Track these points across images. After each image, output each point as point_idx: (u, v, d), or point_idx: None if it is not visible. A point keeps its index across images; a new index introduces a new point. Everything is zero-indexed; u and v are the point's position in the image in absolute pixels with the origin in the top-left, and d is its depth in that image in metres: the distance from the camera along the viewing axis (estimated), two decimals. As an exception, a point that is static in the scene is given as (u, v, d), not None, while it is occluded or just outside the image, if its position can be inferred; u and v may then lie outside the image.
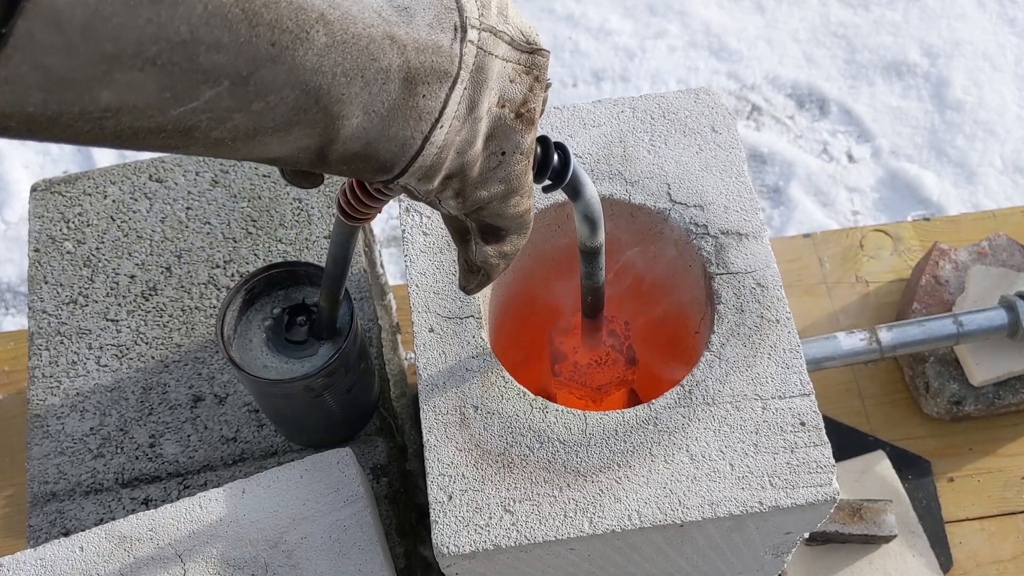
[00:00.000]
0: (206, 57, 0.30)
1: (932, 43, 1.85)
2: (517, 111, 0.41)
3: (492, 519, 0.57)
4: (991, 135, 1.73)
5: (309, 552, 0.66)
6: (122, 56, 0.28)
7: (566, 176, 0.49)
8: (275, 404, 0.72)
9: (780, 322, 0.63)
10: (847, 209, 1.67)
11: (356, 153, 0.37)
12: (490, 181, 0.42)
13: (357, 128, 0.36)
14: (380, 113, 0.36)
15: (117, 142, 0.31)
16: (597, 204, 0.53)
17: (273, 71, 0.32)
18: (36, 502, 0.77)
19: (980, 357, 0.99)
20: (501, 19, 0.39)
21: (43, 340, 0.83)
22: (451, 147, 0.39)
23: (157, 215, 0.88)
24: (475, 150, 0.41)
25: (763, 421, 0.60)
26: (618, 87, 1.81)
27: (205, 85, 0.30)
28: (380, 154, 0.38)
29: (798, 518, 0.59)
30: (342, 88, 0.34)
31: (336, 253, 0.58)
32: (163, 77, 0.29)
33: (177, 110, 0.30)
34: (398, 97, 0.36)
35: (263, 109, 0.33)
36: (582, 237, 0.56)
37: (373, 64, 0.35)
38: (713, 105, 0.72)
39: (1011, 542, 1.00)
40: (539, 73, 0.41)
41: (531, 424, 0.60)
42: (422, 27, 0.36)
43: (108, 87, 0.28)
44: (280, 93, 0.32)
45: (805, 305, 1.13)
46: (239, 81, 0.31)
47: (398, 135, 0.37)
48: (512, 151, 0.42)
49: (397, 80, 0.36)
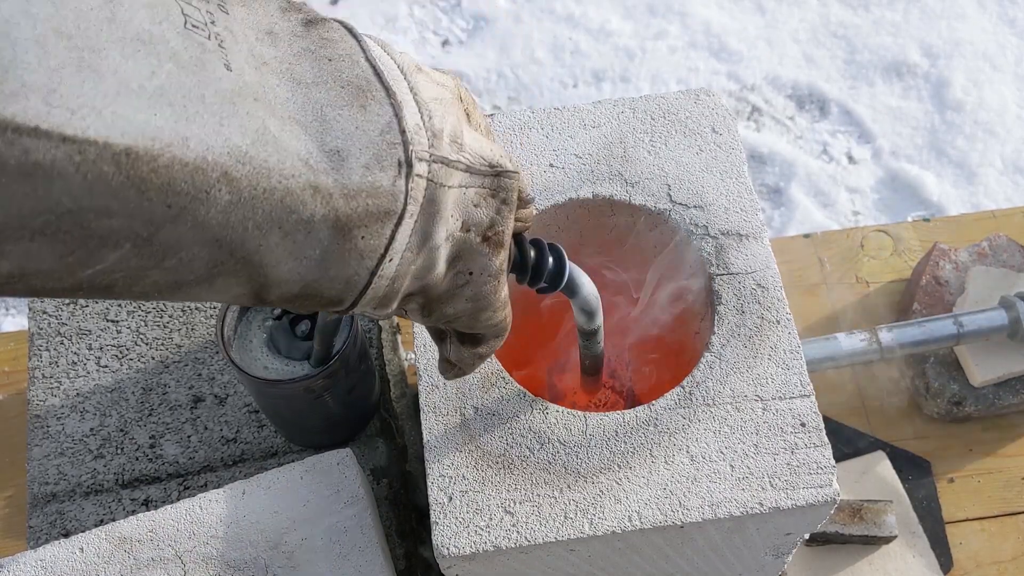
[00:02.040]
0: (98, 223, 0.28)
1: (932, 43, 1.85)
2: (484, 235, 0.40)
3: (492, 520, 0.57)
4: (991, 135, 1.73)
5: (309, 553, 0.66)
6: (5, 229, 0.26)
7: (561, 281, 0.48)
8: (275, 405, 0.72)
9: (780, 323, 0.63)
10: (847, 210, 1.67)
11: (297, 295, 0.35)
12: (457, 298, 0.41)
13: (289, 273, 0.33)
14: (313, 258, 0.34)
15: (41, 298, 0.31)
16: (595, 298, 0.53)
17: (175, 230, 0.30)
18: (36, 503, 0.77)
19: (980, 358, 0.99)
20: (455, 148, 0.37)
21: (43, 341, 0.83)
22: (405, 276, 0.37)
23: (157, 216, 0.88)
24: (436, 273, 0.39)
25: (763, 422, 0.60)
26: (618, 88, 1.81)
27: (105, 249, 0.29)
28: (324, 292, 0.35)
29: (798, 519, 0.59)
30: (257, 240, 0.32)
31: (327, 330, 0.62)
32: (57, 245, 0.28)
33: (85, 273, 0.29)
34: (331, 243, 0.34)
35: (177, 265, 0.31)
36: (580, 323, 0.57)
37: (291, 216, 0.32)
38: (713, 106, 0.72)
39: (1012, 542, 1.00)
40: (506, 195, 0.40)
41: (531, 425, 0.60)
42: (355, 170, 0.33)
43: (4, 258, 0.27)
44: (190, 250, 0.30)
45: (805, 306, 1.13)
46: (141, 243, 0.29)
47: (339, 275, 0.35)
48: (480, 272, 0.40)
49: (325, 228, 0.33)
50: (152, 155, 0.28)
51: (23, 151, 0.25)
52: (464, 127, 0.39)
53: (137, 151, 0.27)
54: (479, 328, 0.44)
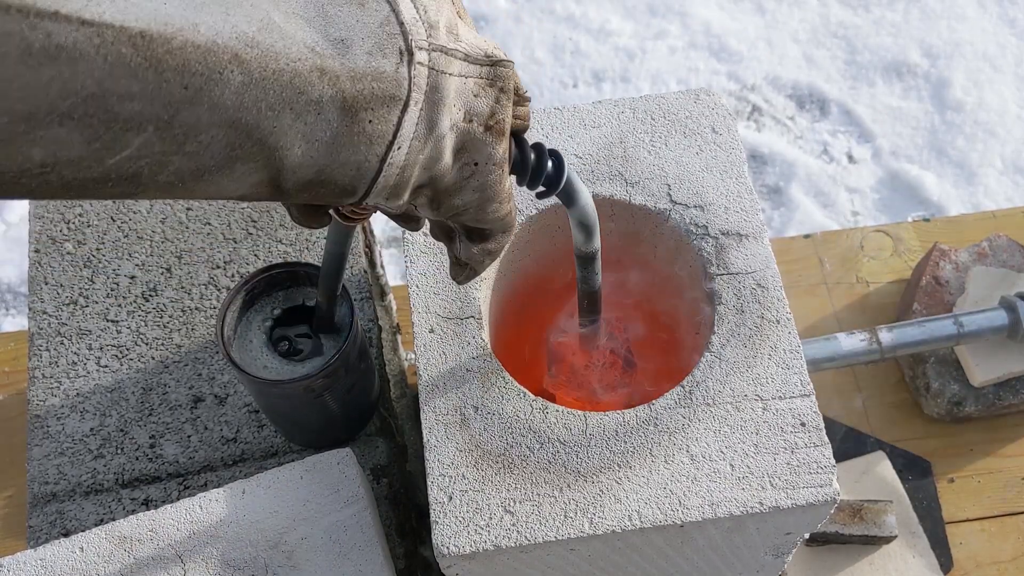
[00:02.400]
0: (121, 106, 0.30)
1: (932, 44, 1.85)
2: (486, 124, 0.41)
3: (492, 519, 0.57)
4: (991, 136, 1.73)
5: (309, 553, 0.66)
6: (37, 114, 0.28)
7: (559, 183, 0.49)
8: (275, 405, 0.72)
9: (780, 323, 0.63)
10: (847, 210, 1.67)
11: (311, 180, 0.37)
12: (464, 190, 0.42)
13: (303, 157, 0.36)
14: (323, 141, 0.36)
15: (71, 193, 0.32)
16: (592, 211, 0.53)
17: (194, 112, 0.32)
18: (36, 502, 0.77)
19: (980, 358, 0.99)
20: (451, 38, 0.39)
21: (43, 341, 0.83)
22: (415, 165, 0.39)
23: (157, 216, 0.88)
24: (443, 164, 0.41)
25: (763, 422, 0.60)
26: (618, 88, 1.81)
27: (130, 133, 0.31)
28: (337, 179, 0.38)
29: (798, 519, 0.59)
30: (271, 122, 0.34)
31: (332, 251, 0.58)
32: (85, 129, 0.30)
33: (113, 159, 0.31)
34: (339, 125, 0.36)
35: (198, 149, 0.33)
36: (577, 243, 0.56)
37: (301, 97, 0.34)
38: (713, 106, 0.72)
39: (1011, 543, 1.00)
40: (503, 84, 0.41)
41: (531, 425, 0.60)
42: (359, 56, 0.36)
43: (36, 144, 0.29)
44: (208, 132, 0.32)
45: (805, 306, 1.13)
46: (162, 125, 0.31)
47: (350, 160, 0.37)
48: (484, 162, 0.42)
49: (333, 110, 0.35)
50: (166, 37, 0.30)
51: (46, 34, 0.28)
52: (458, 21, 0.40)
53: (151, 34, 0.30)
54: (486, 221, 0.45)
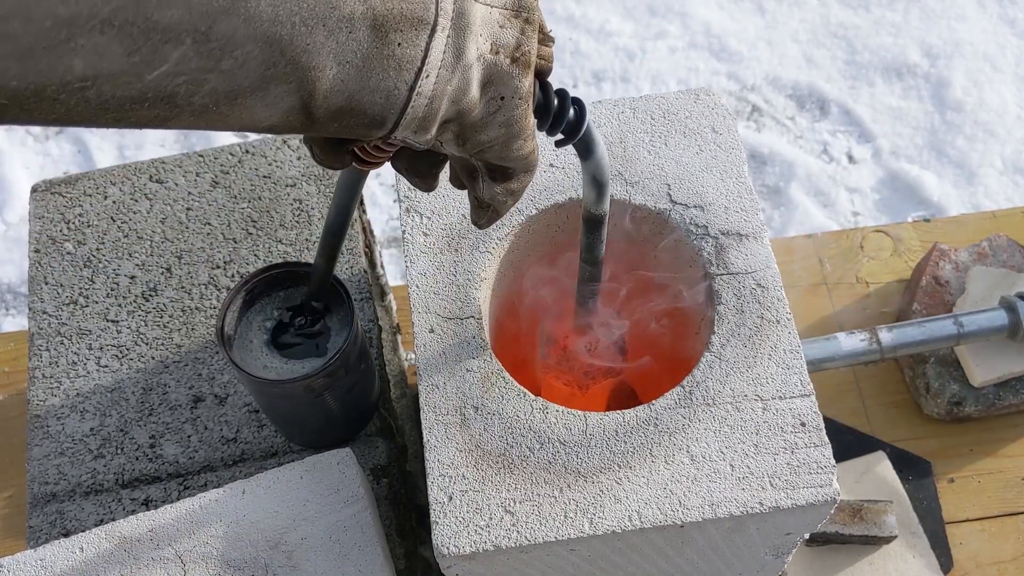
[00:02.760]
0: (160, 13, 0.30)
1: (932, 44, 1.85)
2: (512, 56, 0.41)
3: (492, 520, 0.57)
4: (991, 136, 1.73)
5: (309, 553, 0.66)
6: (78, 19, 0.29)
7: (580, 130, 0.48)
8: (275, 405, 0.72)
9: (780, 323, 0.63)
10: (847, 210, 1.67)
11: (342, 107, 0.37)
12: (490, 126, 0.42)
13: (334, 80, 0.36)
14: (354, 63, 0.36)
15: (107, 115, 0.32)
16: (607, 167, 0.53)
17: (230, 24, 0.32)
18: (36, 503, 0.77)
19: (980, 358, 0.99)
20: None
21: (43, 341, 0.83)
22: (443, 96, 0.39)
23: (157, 216, 0.88)
24: (470, 97, 0.40)
25: (763, 422, 0.60)
26: (618, 88, 1.81)
27: (168, 45, 0.31)
28: (367, 107, 0.38)
29: (798, 519, 0.59)
30: (304, 38, 0.34)
31: (340, 203, 0.57)
32: (125, 39, 0.30)
33: (152, 74, 0.31)
34: (370, 46, 0.36)
35: (233, 67, 0.33)
36: (587, 202, 0.55)
37: (333, 12, 0.35)
38: (713, 106, 0.72)
39: (1012, 543, 1.00)
40: (528, 15, 0.41)
41: (531, 425, 0.60)
42: None
43: (77, 54, 0.29)
44: (244, 47, 0.33)
45: (805, 306, 1.13)
46: (200, 38, 0.32)
47: (380, 86, 0.37)
48: (511, 96, 0.42)
49: (364, 28, 0.36)
50: None
51: None
52: None
53: None
54: (510, 159, 0.45)
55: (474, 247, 0.67)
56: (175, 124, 0.34)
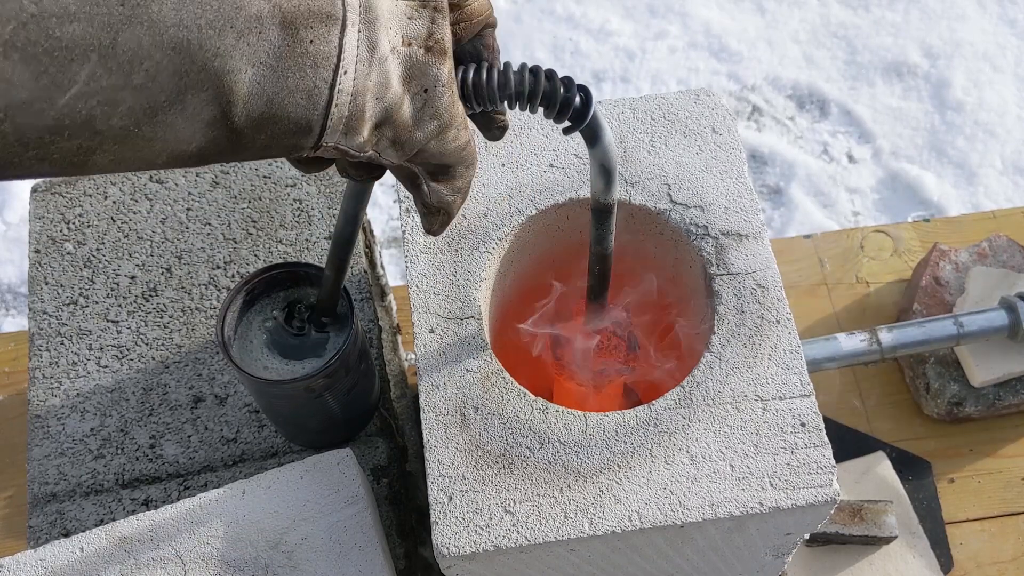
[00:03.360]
0: (61, 30, 0.30)
1: (932, 44, 1.85)
2: (425, 45, 0.41)
3: (492, 520, 0.57)
4: (991, 136, 1.73)
5: (309, 553, 0.66)
6: None
7: (586, 117, 0.48)
8: (275, 405, 0.72)
9: (780, 323, 0.63)
10: (847, 210, 1.67)
11: (264, 114, 0.36)
12: (422, 121, 0.42)
13: (251, 83, 0.35)
14: (269, 64, 0.36)
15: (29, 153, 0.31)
16: (614, 154, 0.52)
17: (134, 33, 0.31)
18: (36, 503, 0.77)
19: (980, 358, 0.99)
20: None
21: (43, 341, 0.83)
22: (365, 93, 0.39)
23: (157, 216, 0.88)
24: (393, 92, 0.40)
25: (763, 422, 0.60)
26: (618, 88, 1.81)
27: (75, 63, 0.31)
28: (290, 110, 0.37)
29: (798, 519, 0.59)
30: (213, 41, 0.34)
31: (349, 209, 0.57)
32: (31, 61, 0.30)
33: (63, 97, 0.31)
34: (282, 45, 0.36)
35: (145, 80, 0.32)
36: (596, 191, 0.55)
37: (239, 13, 0.34)
38: (713, 106, 0.72)
39: (1012, 543, 1.00)
40: (436, 3, 0.41)
41: (531, 425, 0.60)
42: None
43: None
44: (152, 58, 0.32)
45: (805, 306, 1.13)
46: (105, 52, 0.31)
47: (299, 85, 0.37)
48: (433, 85, 0.42)
49: (273, 27, 0.35)
50: None
51: None
52: None
53: None
54: (448, 153, 0.45)
55: (474, 247, 0.67)
56: (100, 158, 0.33)
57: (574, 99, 0.47)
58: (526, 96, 0.47)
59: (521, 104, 0.47)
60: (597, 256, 0.60)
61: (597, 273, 0.62)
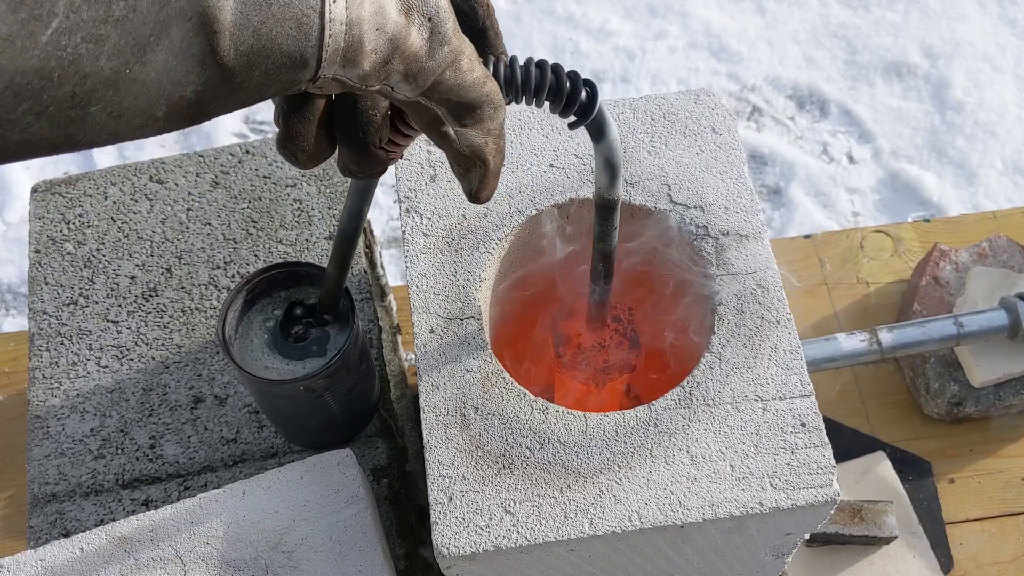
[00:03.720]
0: None
1: (932, 44, 1.85)
2: None
3: (492, 520, 0.57)
4: (991, 136, 1.73)
5: (309, 553, 0.66)
6: None
7: (592, 111, 0.48)
8: (276, 405, 0.72)
9: (780, 323, 0.63)
10: (847, 210, 1.67)
11: (254, 47, 0.36)
12: (434, 49, 0.41)
13: (235, 12, 0.35)
14: None
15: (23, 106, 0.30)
16: (619, 149, 0.52)
17: None
18: (36, 503, 0.77)
19: (980, 358, 0.99)
20: None
21: (43, 341, 0.83)
22: (361, 23, 0.38)
23: (157, 216, 0.88)
24: (395, 22, 0.39)
25: (763, 422, 0.60)
26: (618, 88, 1.81)
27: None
28: (280, 42, 0.36)
29: (798, 519, 0.59)
30: None
31: (353, 205, 0.56)
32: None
33: (45, 33, 0.30)
34: None
35: (126, 12, 0.32)
36: (600, 187, 0.55)
37: None
38: (713, 106, 0.72)
39: (1012, 543, 1.00)
40: None
41: (531, 425, 0.60)
42: None
43: None
44: None
45: (805, 306, 1.13)
46: None
47: (286, 13, 0.36)
48: (436, 13, 0.41)
49: None
50: None
51: None
52: None
53: None
54: (467, 86, 0.43)
55: (474, 247, 0.67)
56: (98, 111, 0.33)
57: (580, 93, 0.47)
58: (532, 90, 0.46)
59: (528, 98, 0.47)
60: (600, 253, 0.60)
61: (601, 269, 0.62)
